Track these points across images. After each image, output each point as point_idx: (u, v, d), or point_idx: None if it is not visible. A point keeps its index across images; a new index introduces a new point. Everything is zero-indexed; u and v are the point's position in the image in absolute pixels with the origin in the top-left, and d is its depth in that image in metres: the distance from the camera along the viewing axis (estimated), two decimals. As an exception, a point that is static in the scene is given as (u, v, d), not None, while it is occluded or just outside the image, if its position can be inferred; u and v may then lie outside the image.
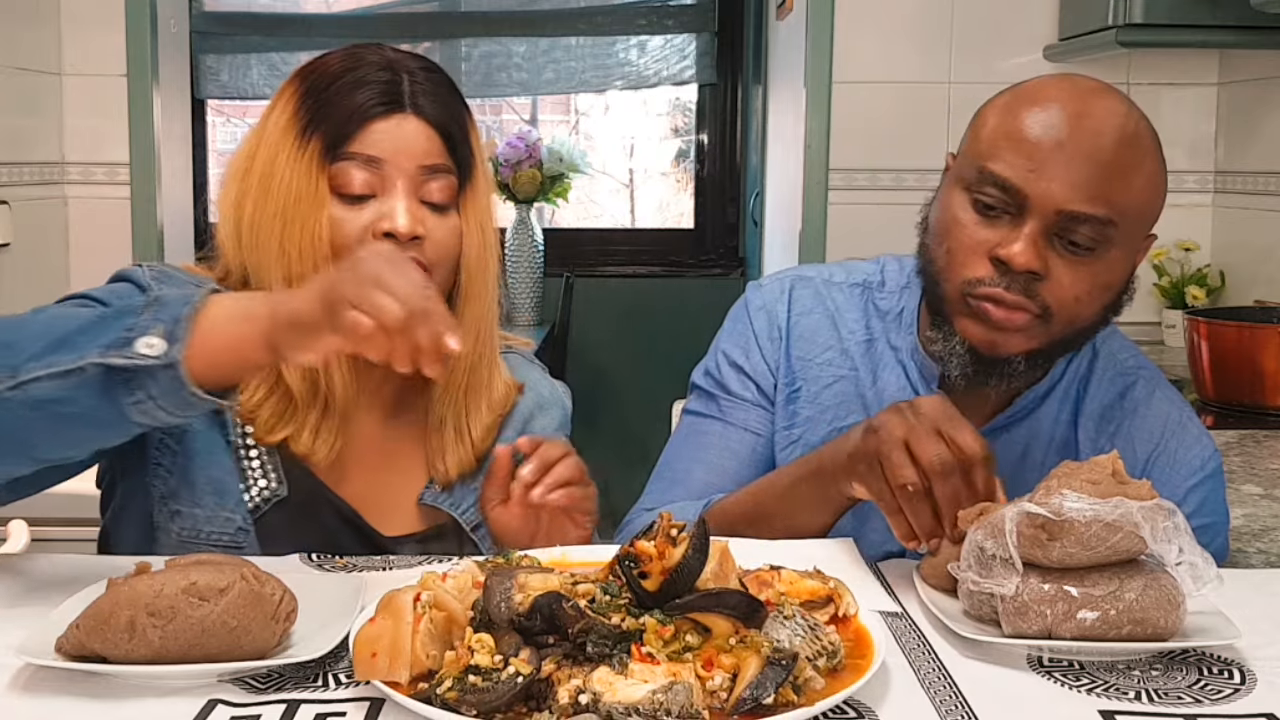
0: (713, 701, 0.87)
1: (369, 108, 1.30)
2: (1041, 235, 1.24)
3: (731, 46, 4.57)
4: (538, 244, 4.33)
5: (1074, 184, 1.23)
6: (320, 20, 4.67)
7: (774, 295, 1.49)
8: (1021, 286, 1.25)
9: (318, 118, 1.31)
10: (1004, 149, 1.26)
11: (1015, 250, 1.24)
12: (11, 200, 2.98)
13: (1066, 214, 1.23)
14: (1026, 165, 1.24)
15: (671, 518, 0.96)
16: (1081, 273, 1.26)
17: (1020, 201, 1.24)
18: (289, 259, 1.30)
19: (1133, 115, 1.28)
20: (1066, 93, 1.27)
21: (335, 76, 1.32)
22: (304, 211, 1.29)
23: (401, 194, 1.30)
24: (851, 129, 3.18)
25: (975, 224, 1.28)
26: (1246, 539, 1.59)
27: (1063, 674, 0.99)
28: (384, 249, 1.20)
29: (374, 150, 1.30)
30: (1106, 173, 1.23)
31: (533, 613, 0.91)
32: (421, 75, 1.34)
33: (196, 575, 0.95)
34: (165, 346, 1.03)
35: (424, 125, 1.32)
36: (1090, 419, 1.41)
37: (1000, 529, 1.02)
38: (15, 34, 3.03)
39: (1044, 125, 1.25)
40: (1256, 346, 2.24)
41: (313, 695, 0.94)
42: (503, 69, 4.54)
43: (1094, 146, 1.24)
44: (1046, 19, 3.16)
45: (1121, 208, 1.24)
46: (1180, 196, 3.21)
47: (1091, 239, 1.24)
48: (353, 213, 1.30)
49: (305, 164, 1.30)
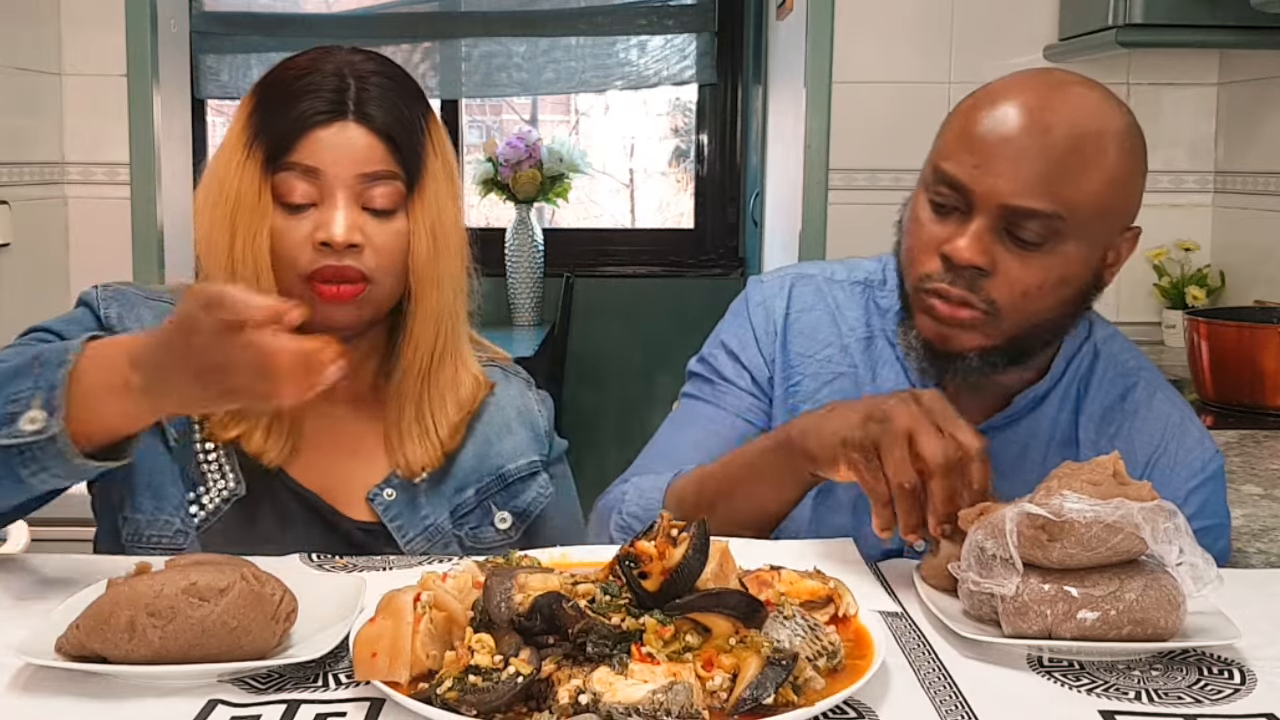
0: (713, 701, 0.87)
1: (310, 116, 1.31)
2: (988, 231, 1.25)
3: (731, 46, 4.57)
4: (538, 244, 4.34)
5: (1018, 179, 1.23)
6: (320, 20, 4.67)
7: (774, 291, 1.50)
8: (966, 282, 1.26)
9: (264, 127, 1.33)
10: (956, 148, 1.27)
11: (959, 245, 1.25)
12: (11, 200, 2.98)
13: (1011, 209, 1.23)
14: (972, 162, 1.25)
15: (671, 518, 0.96)
16: (1031, 267, 1.25)
17: (968, 198, 1.25)
18: (235, 267, 1.32)
19: (1099, 110, 1.26)
20: (1029, 88, 1.27)
21: (287, 83, 1.34)
22: (248, 221, 1.31)
23: (341, 203, 1.31)
24: (851, 129, 3.18)
25: (930, 221, 1.29)
26: (1246, 539, 1.59)
27: (1063, 674, 0.99)
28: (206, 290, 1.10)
29: (312, 160, 1.31)
30: (1054, 167, 1.23)
31: (533, 613, 0.91)
32: (374, 80, 1.34)
33: (196, 575, 0.95)
34: (45, 420, 1.06)
35: (364, 132, 1.32)
36: (1091, 420, 1.40)
37: (1000, 529, 1.02)
38: (15, 34, 3.03)
39: (994, 122, 1.25)
40: (1256, 346, 2.24)
41: (313, 695, 0.94)
42: (503, 69, 4.54)
43: (1041, 141, 1.23)
44: (1046, 19, 3.16)
45: (1071, 202, 1.23)
46: (1180, 196, 3.21)
47: (1039, 234, 1.24)
48: (294, 222, 1.31)
49: (250, 173, 1.32)
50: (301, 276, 1.31)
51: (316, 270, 1.31)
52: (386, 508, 1.38)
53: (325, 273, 1.31)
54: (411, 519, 1.39)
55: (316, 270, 1.31)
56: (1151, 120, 3.19)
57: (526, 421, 1.50)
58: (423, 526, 1.39)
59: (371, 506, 1.38)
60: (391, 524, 1.38)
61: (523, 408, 1.51)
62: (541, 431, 1.51)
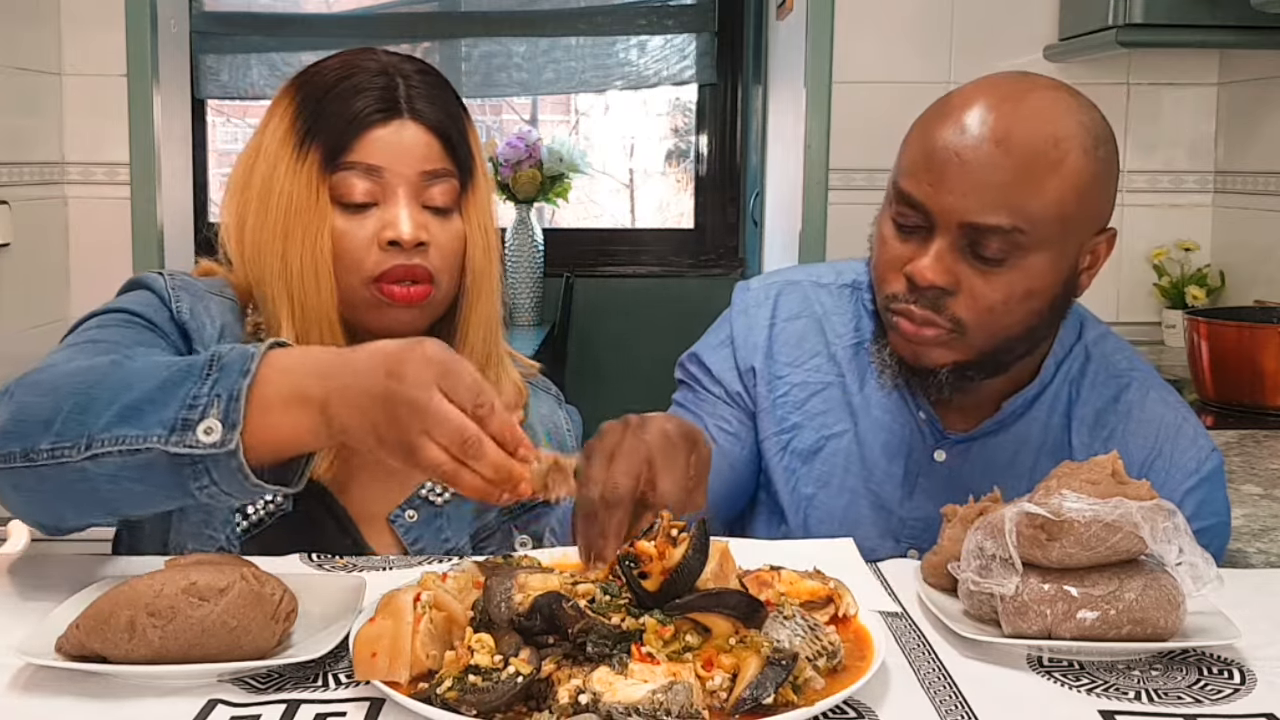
0: (713, 701, 0.87)
1: (366, 115, 1.29)
2: (949, 249, 1.24)
3: (731, 46, 4.57)
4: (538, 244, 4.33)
5: (972, 196, 1.21)
6: (320, 20, 4.67)
7: (759, 299, 1.49)
8: (929, 302, 1.25)
9: (315, 127, 1.30)
10: (913, 166, 1.26)
11: (922, 266, 1.24)
12: (11, 200, 2.97)
13: (970, 226, 1.22)
14: (928, 180, 1.24)
15: (671, 518, 0.95)
16: (995, 284, 1.24)
17: (928, 218, 1.24)
18: (291, 271, 1.29)
19: (1057, 115, 1.24)
20: (984, 98, 1.25)
21: (331, 84, 1.31)
22: (305, 223, 1.28)
23: (403, 201, 1.29)
24: (851, 129, 3.18)
25: (894, 240, 1.29)
26: (1246, 539, 1.59)
27: (1063, 674, 0.99)
28: (432, 353, 1.01)
29: (374, 158, 1.29)
30: (1009, 181, 1.21)
31: (533, 613, 0.91)
32: (417, 79, 1.33)
33: (196, 575, 0.95)
34: (222, 432, 0.98)
35: (422, 130, 1.31)
36: (1084, 424, 1.39)
37: (1000, 529, 1.02)
38: (15, 34, 3.03)
39: (948, 138, 1.23)
40: (1256, 346, 2.24)
41: (313, 695, 0.94)
42: (503, 69, 4.54)
43: (996, 155, 1.21)
44: (1046, 19, 3.16)
45: (1031, 215, 1.21)
46: (1180, 196, 3.21)
47: (1001, 249, 1.23)
48: (355, 222, 1.29)
49: (305, 175, 1.29)
50: (367, 279, 1.29)
51: (385, 271, 1.28)
52: (408, 530, 1.36)
53: (395, 273, 1.28)
54: (433, 541, 1.36)
55: (385, 271, 1.28)
56: (1151, 120, 3.19)
57: (555, 442, 1.46)
58: (444, 550, 1.36)
59: (392, 528, 1.36)
60: (412, 547, 1.35)
61: (553, 427, 1.48)
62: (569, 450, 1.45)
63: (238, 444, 0.98)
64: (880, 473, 1.40)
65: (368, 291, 1.29)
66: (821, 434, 1.42)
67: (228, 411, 0.99)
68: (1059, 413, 1.39)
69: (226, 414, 0.99)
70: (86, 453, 1.01)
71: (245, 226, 1.33)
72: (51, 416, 1.03)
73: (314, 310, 1.29)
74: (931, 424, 1.39)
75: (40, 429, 1.03)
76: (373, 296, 1.29)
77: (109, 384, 1.04)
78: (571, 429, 1.50)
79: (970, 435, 1.39)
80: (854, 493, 1.41)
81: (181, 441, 0.99)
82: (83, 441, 1.01)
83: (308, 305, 1.29)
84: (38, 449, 1.02)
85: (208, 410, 0.99)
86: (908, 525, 1.39)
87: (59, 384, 1.06)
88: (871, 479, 1.40)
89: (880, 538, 1.40)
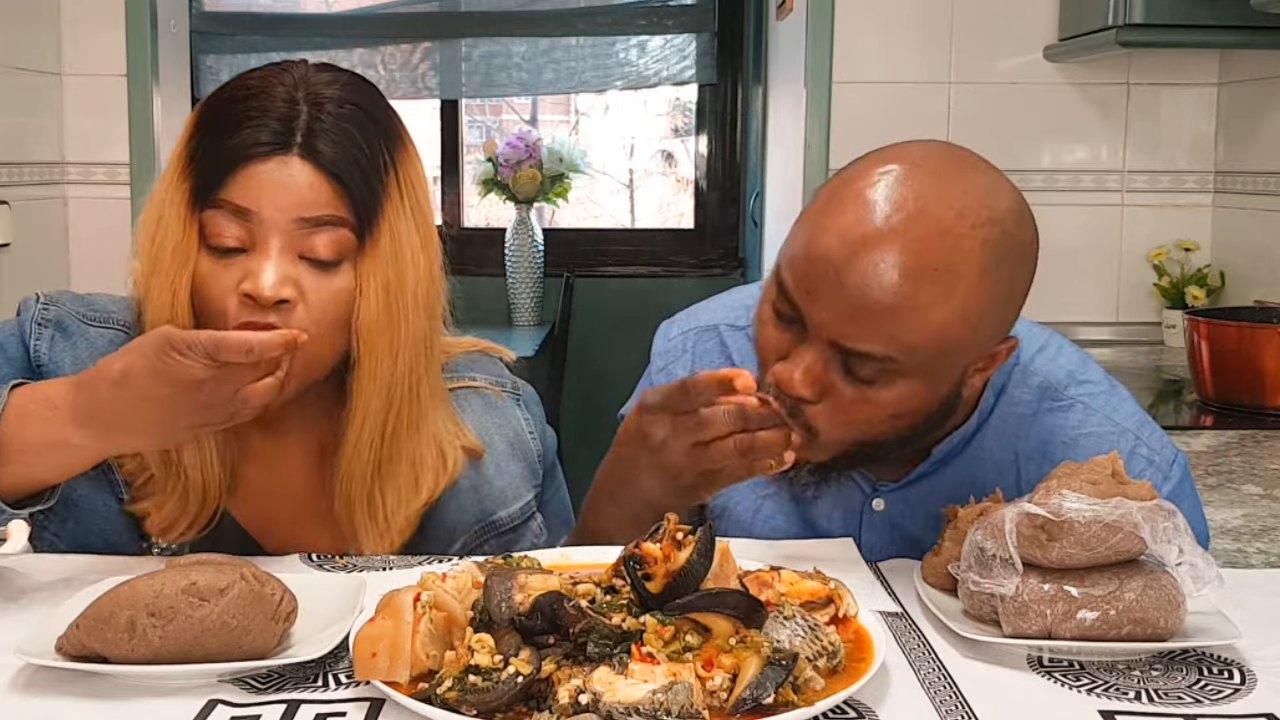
0: (713, 701, 0.87)
1: (247, 148, 1.15)
2: (819, 360, 1.13)
3: (731, 46, 4.57)
4: (538, 244, 4.33)
5: (846, 319, 1.10)
6: (320, 20, 4.67)
7: (676, 352, 1.41)
8: (788, 406, 1.14)
9: (197, 155, 1.17)
10: (796, 259, 1.14)
11: (790, 376, 1.13)
12: (11, 200, 2.98)
13: (840, 347, 1.11)
14: (804, 286, 1.12)
15: (677, 521, 0.95)
16: (863, 403, 1.14)
17: (802, 321, 1.14)
18: (152, 307, 1.18)
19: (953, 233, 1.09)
20: (879, 199, 1.10)
21: (228, 106, 1.19)
22: (169, 262, 1.17)
23: (274, 251, 1.15)
24: (851, 129, 3.18)
25: (771, 324, 1.18)
26: (1246, 539, 1.59)
27: (1063, 674, 0.99)
28: (145, 343, 1.04)
29: (244, 199, 1.15)
30: (885, 310, 1.08)
31: (534, 612, 0.91)
32: (330, 108, 1.18)
33: (196, 575, 0.95)
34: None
35: (310, 169, 1.15)
36: (1030, 460, 1.28)
37: (1000, 529, 1.02)
38: (15, 34, 3.03)
39: (829, 244, 1.10)
40: (1256, 346, 2.24)
41: (313, 695, 0.94)
42: (503, 69, 4.54)
43: (874, 279, 1.08)
44: (1046, 19, 3.16)
45: (908, 345, 1.10)
46: (1180, 196, 3.21)
47: (873, 374, 1.12)
48: (221, 268, 1.16)
49: (178, 208, 1.17)
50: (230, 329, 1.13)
51: (240, 325, 1.13)
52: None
53: (249, 329, 1.12)
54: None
55: (240, 325, 1.13)
56: (1151, 120, 3.19)
57: (519, 452, 1.37)
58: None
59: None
60: None
61: (514, 437, 1.37)
62: (534, 455, 1.38)
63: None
64: (822, 530, 1.34)
65: None
66: (757, 494, 1.35)
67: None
68: (1004, 448, 1.29)
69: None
70: None
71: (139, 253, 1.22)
72: None
73: None
74: (863, 474, 1.31)
75: None
76: None
77: None
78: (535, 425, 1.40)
79: (905, 482, 1.31)
80: None
81: None
82: None
83: None
84: None
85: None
86: None
87: None
88: (815, 536, 1.33)
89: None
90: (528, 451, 1.39)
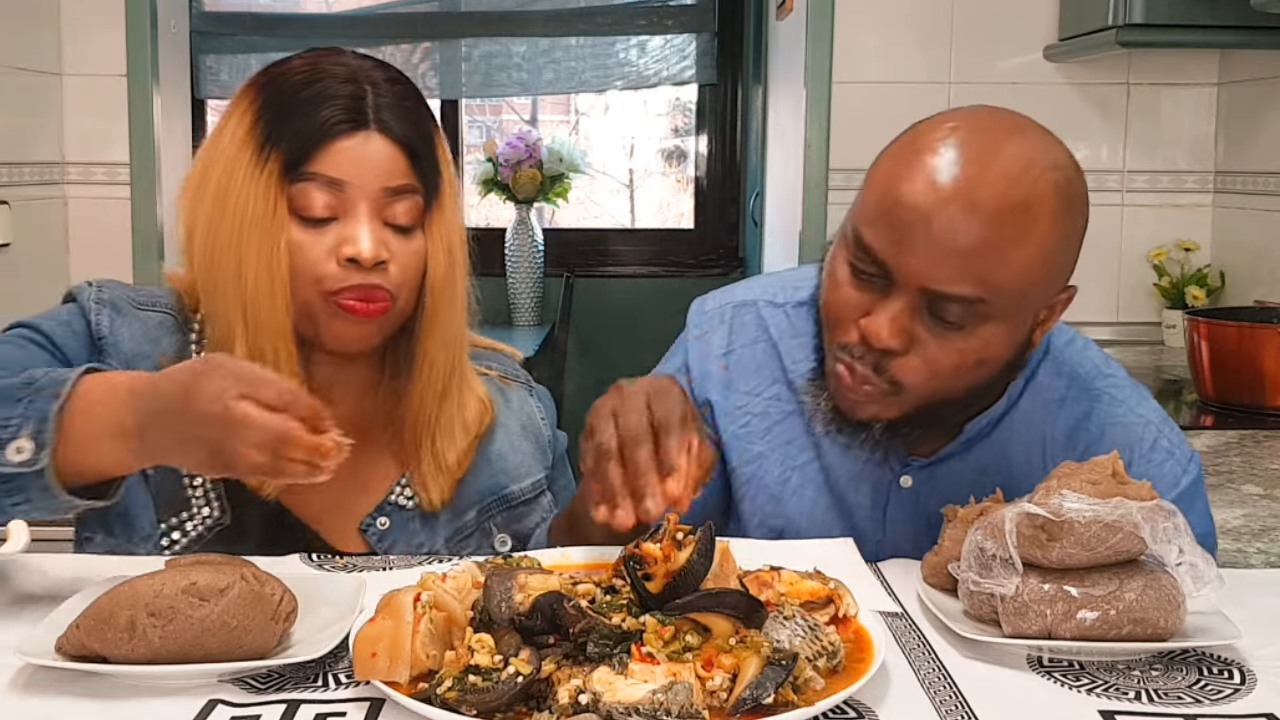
0: (713, 701, 0.87)
1: (331, 125, 1.24)
2: (906, 311, 1.17)
3: (731, 46, 4.57)
4: (538, 244, 4.33)
5: (938, 263, 1.14)
6: (320, 20, 4.67)
7: (713, 323, 1.43)
8: (873, 361, 1.19)
9: (276, 133, 1.25)
10: (876, 217, 1.18)
11: (879, 326, 1.17)
12: (11, 200, 2.98)
13: (931, 293, 1.15)
14: (891, 238, 1.16)
15: (677, 521, 0.95)
16: (948, 349, 1.18)
17: (887, 274, 1.17)
18: (245, 284, 1.25)
19: (1028, 175, 1.15)
20: (953, 149, 1.16)
21: (296, 89, 1.26)
22: (262, 235, 1.24)
23: (364, 217, 1.24)
24: (851, 129, 3.18)
25: (848, 285, 1.21)
26: (1246, 539, 1.59)
27: (1063, 674, 0.99)
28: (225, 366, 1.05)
29: (336, 171, 1.24)
30: (976, 249, 1.13)
31: (534, 612, 0.91)
32: (386, 88, 1.28)
33: (196, 575, 0.96)
34: (32, 452, 1.04)
35: (388, 143, 1.26)
36: (1056, 445, 1.32)
37: (1000, 529, 1.02)
38: (15, 34, 3.03)
39: (915, 195, 1.15)
40: (1256, 346, 2.24)
41: (313, 695, 0.94)
42: (503, 69, 4.54)
43: (963, 221, 1.13)
44: (1046, 19, 3.16)
45: (995, 285, 1.14)
46: (1180, 196, 3.21)
47: (962, 316, 1.16)
48: (313, 236, 1.25)
49: (263, 183, 1.24)
50: (324, 293, 1.25)
51: (343, 288, 1.24)
52: (380, 538, 1.34)
53: (352, 290, 1.25)
54: (407, 546, 1.34)
55: (343, 288, 1.24)
56: (1151, 120, 3.19)
57: (531, 433, 1.45)
58: (419, 555, 1.33)
59: (364, 537, 1.34)
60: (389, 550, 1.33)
61: (526, 420, 1.45)
62: (545, 440, 1.46)
63: (47, 464, 1.03)
64: (849, 502, 1.36)
65: (325, 304, 1.26)
66: (787, 465, 1.37)
67: (37, 433, 1.04)
68: (1031, 432, 1.33)
69: (36, 435, 1.04)
70: None
71: (196, 231, 1.28)
72: None
73: (267, 323, 1.25)
74: (893, 451, 1.32)
75: None
76: (329, 309, 1.26)
77: None
78: (546, 414, 1.48)
79: (935, 459, 1.33)
80: (823, 524, 1.36)
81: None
82: None
83: (261, 318, 1.25)
84: None
85: (18, 432, 1.04)
86: (883, 551, 1.33)
87: None
88: (841, 510, 1.36)
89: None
90: (539, 435, 1.45)
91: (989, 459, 1.32)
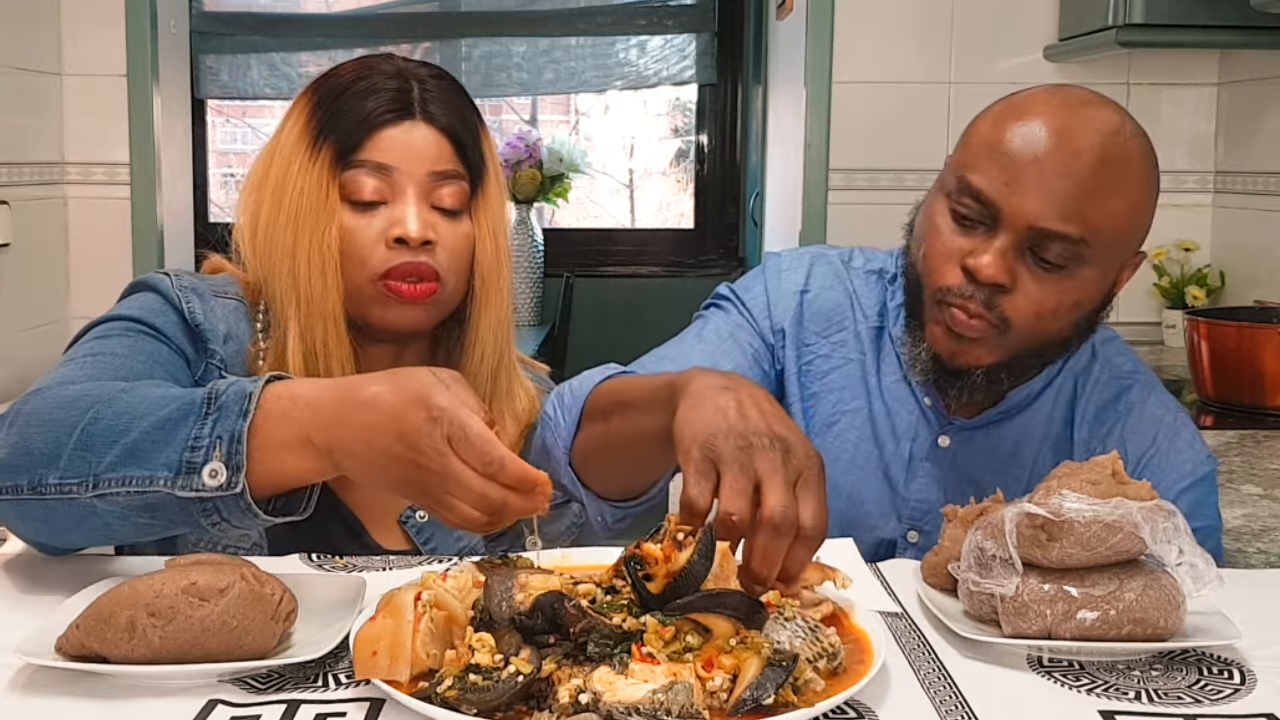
0: (713, 702, 0.87)
1: (378, 115, 1.32)
2: (1012, 249, 1.25)
3: (731, 46, 4.57)
4: (538, 244, 4.33)
5: (1047, 200, 1.23)
6: (320, 20, 4.67)
7: (792, 264, 1.50)
8: (984, 298, 1.27)
9: (328, 127, 1.33)
10: (983, 161, 1.27)
11: (984, 261, 1.25)
12: (11, 200, 2.98)
13: (1038, 230, 1.24)
14: (1002, 179, 1.25)
15: (678, 521, 0.95)
16: (1049, 289, 1.27)
17: (994, 214, 1.26)
18: (298, 267, 1.31)
19: (1122, 134, 1.26)
20: (1055, 106, 1.27)
21: (346, 86, 1.34)
22: (314, 220, 1.31)
23: (412, 199, 1.31)
24: (851, 129, 3.18)
25: (951, 232, 1.29)
26: (1246, 539, 1.59)
27: (1063, 674, 0.99)
28: (434, 407, 0.99)
29: (384, 157, 1.31)
30: (1082, 191, 1.23)
31: (535, 611, 0.91)
32: (431, 83, 1.35)
33: (196, 575, 0.95)
34: (226, 475, 1.01)
35: (433, 131, 1.33)
36: (1085, 419, 1.42)
37: (1000, 529, 1.02)
38: (15, 34, 3.03)
39: (1024, 139, 1.25)
40: (1256, 346, 2.24)
41: (313, 695, 0.94)
42: (503, 69, 4.54)
43: (1072, 164, 1.23)
44: (1046, 19, 3.16)
45: (1096, 227, 1.24)
46: (1180, 196, 3.21)
47: (1063, 256, 1.25)
48: (364, 220, 1.32)
49: (316, 173, 1.32)
50: (374, 275, 1.31)
51: (391, 268, 1.30)
52: (419, 530, 1.36)
53: (401, 270, 1.30)
54: (445, 540, 1.37)
55: (391, 268, 1.30)
56: (1151, 120, 3.19)
57: None
58: (456, 549, 1.37)
59: (403, 528, 1.36)
60: (425, 546, 1.36)
61: None
62: None
63: (244, 485, 1.01)
64: (888, 453, 1.43)
65: (374, 288, 1.31)
66: (838, 408, 1.44)
67: (230, 454, 1.01)
68: (1062, 406, 1.42)
69: (229, 456, 1.01)
70: (94, 491, 1.04)
71: (258, 224, 1.35)
72: (55, 451, 1.05)
73: (319, 305, 1.31)
74: (936, 410, 1.42)
75: (44, 463, 1.05)
76: (379, 293, 1.31)
77: (108, 419, 1.05)
78: None
79: (974, 423, 1.42)
80: (862, 470, 1.43)
81: (188, 485, 1.02)
82: (89, 480, 1.04)
83: (314, 301, 1.31)
84: (45, 483, 1.05)
85: (210, 453, 1.02)
86: (910, 505, 1.42)
87: (57, 415, 1.07)
88: (880, 458, 1.43)
89: (882, 515, 1.43)
90: None
91: (1024, 429, 1.42)
